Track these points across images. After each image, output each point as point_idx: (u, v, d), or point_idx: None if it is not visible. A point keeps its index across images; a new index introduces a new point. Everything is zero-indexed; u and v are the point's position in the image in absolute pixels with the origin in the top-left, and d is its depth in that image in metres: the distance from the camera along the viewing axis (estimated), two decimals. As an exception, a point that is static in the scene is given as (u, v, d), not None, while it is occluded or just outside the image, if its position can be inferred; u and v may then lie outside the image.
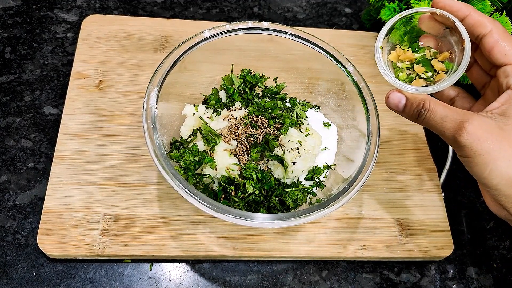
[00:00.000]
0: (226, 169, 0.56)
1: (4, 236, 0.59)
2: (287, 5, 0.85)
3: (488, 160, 0.43)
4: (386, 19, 0.71)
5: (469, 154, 0.44)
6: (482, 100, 0.52)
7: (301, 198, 0.56)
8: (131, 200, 0.61)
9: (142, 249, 0.58)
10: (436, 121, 0.45)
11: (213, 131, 0.57)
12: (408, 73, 0.48)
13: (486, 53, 0.48)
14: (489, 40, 0.47)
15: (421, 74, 0.48)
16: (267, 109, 0.61)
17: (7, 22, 0.75)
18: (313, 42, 0.61)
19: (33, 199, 0.62)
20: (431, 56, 0.49)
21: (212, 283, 0.59)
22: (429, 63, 0.48)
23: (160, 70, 0.56)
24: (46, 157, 0.65)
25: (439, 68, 0.48)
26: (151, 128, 0.53)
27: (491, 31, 0.47)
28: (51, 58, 0.73)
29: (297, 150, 0.57)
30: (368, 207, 0.65)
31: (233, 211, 0.49)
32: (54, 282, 0.57)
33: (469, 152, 0.44)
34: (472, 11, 0.47)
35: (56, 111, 0.68)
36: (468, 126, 0.43)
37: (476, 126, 0.43)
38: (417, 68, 0.48)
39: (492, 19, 0.47)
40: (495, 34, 0.47)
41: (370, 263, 0.63)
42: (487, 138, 0.43)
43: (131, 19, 0.75)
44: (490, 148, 0.43)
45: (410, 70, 0.49)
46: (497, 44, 0.46)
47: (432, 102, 0.46)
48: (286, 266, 0.61)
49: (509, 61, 0.46)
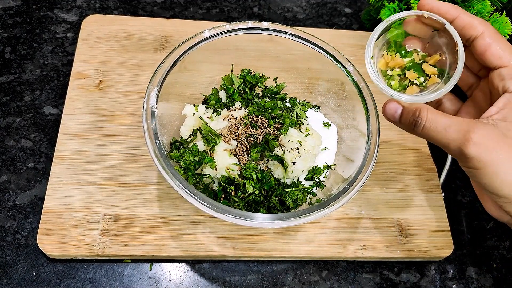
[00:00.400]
0: (226, 169, 0.56)
1: (4, 236, 0.59)
2: (287, 5, 0.85)
3: (498, 170, 0.41)
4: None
5: (478, 166, 0.42)
6: (471, 102, 0.51)
7: (301, 198, 0.56)
8: (131, 200, 0.61)
9: (142, 249, 0.58)
10: (438, 132, 0.43)
11: (213, 131, 0.57)
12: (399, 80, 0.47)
13: (478, 55, 0.46)
14: (481, 43, 0.45)
15: (413, 80, 0.46)
16: (267, 109, 0.61)
17: (7, 22, 0.75)
18: (313, 42, 0.61)
19: (33, 199, 0.62)
20: (420, 59, 0.47)
21: (212, 283, 0.59)
22: (419, 68, 0.47)
23: (160, 70, 0.56)
24: (46, 157, 0.65)
25: (431, 72, 0.46)
26: (151, 128, 0.53)
27: (482, 33, 0.45)
28: (51, 58, 0.73)
29: (297, 150, 0.57)
30: (368, 207, 0.65)
31: (233, 211, 0.49)
32: (54, 282, 0.57)
33: (478, 163, 0.42)
34: (461, 12, 0.46)
35: (56, 111, 0.68)
36: (474, 136, 0.41)
37: (482, 135, 0.41)
38: (409, 74, 0.47)
39: (482, 20, 0.46)
40: (487, 37, 0.45)
41: (370, 263, 0.63)
42: (495, 147, 0.41)
43: (131, 19, 0.75)
44: (499, 158, 0.41)
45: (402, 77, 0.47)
46: (490, 46, 0.45)
47: (430, 112, 0.44)
48: (286, 266, 0.61)
49: (503, 63, 0.45)
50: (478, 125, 0.42)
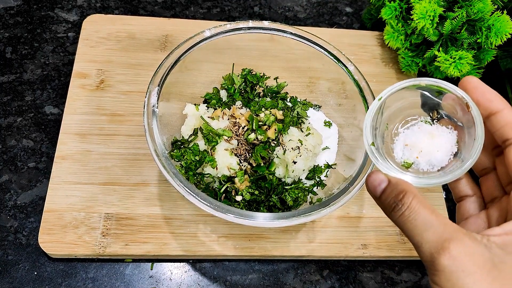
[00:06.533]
0: (227, 168, 0.56)
1: (6, 236, 0.59)
2: (288, 4, 0.85)
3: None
4: (386, 18, 0.71)
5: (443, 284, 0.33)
6: (484, 214, 0.41)
7: (301, 197, 0.56)
8: (132, 199, 0.61)
9: (143, 249, 0.58)
10: (415, 226, 0.35)
11: (214, 131, 0.57)
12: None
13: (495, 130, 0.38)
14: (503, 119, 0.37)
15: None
16: (268, 108, 0.61)
17: (8, 21, 0.75)
18: (313, 41, 0.61)
19: (34, 198, 0.62)
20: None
21: (213, 283, 0.59)
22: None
23: (161, 69, 0.56)
24: (47, 157, 0.65)
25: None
26: (152, 127, 0.53)
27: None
28: (52, 58, 0.73)
29: (298, 149, 0.57)
30: (369, 206, 0.65)
31: (234, 210, 0.49)
32: (55, 282, 0.57)
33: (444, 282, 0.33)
34: (506, 108, 0.37)
35: (57, 110, 0.68)
36: (454, 248, 0.33)
37: (464, 251, 0.33)
38: None
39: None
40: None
41: (371, 262, 0.63)
42: (473, 273, 0.32)
43: (132, 18, 0.75)
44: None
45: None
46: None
47: (415, 200, 0.35)
48: (287, 265, 0.61)
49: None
50: (465, 239, 0.33)
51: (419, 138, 0.40)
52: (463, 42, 0.67)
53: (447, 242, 0.33)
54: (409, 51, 0.72)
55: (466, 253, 0.33)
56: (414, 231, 0.35)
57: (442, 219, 0.35)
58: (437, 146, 0.39)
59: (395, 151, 0.41)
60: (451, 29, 0.66)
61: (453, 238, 0.33)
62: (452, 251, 0.33)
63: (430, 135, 0.40)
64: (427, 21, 0.65)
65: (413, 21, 0.67)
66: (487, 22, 0.65)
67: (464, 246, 0.33)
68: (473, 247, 0.33)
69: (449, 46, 0.68)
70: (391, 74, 0.76)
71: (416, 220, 0.35)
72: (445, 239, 0.33)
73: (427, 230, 0.34)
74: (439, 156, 0.39)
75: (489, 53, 0.68)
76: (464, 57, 0.66)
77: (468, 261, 0.32)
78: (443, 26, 0.66)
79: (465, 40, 0.67)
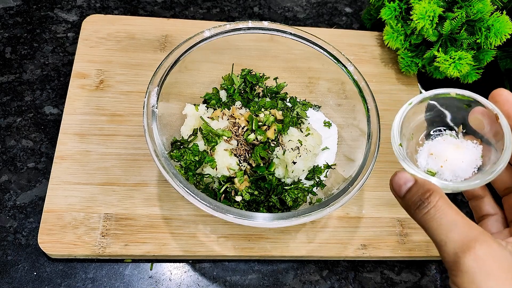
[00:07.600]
0: (227, 168, 0.56)
1: (5, 236, 0.59)
2: (287, 4, 0.85)
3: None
4: (386, 18, 0.71)
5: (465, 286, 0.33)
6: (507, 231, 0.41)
7: (301, 198, 0.56)
8: (131, 199, 0.61)
9: (142, 249, 0.58)
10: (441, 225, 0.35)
11: (214, 131, 0.57)
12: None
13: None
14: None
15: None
16: (268, 108, 0.61)
17: (8, 22, 0.75)
18: (313, 41, 0.61)
19: (34, 199, 0.62)
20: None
21: (213, 283, 0.59)
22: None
23: (161, 69, 0.56)
24: (46, 157, 0.65)
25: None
26: (151, 128, 0.53)
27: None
28: (52, 58, 0.73)
29: (297, 149, 0.57)
30: (368, 207, 0.65)
31: (234, 210, 0.49)
32: (54, 282, 0.57)
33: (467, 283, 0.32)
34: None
35: (56, 111, 0.68)
36: (479, 248, 0.32)
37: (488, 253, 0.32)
38: None
39: None
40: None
41: (371, 262, 0.63)
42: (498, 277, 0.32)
43: (131, 18, 0.75)
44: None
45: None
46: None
47: (442, 199, 0.36)
48: (287, 266, 0.61)
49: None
50: (491, 241, 0.33)
51: (444, 148, 0.40)
52: (462, 43, 0.67)
53: (473, 242, 0.33)
54: (409, 51, 0.72)
55: (491, 255, 0.32)
56: (438, 230, 0.35)
57: (468, 221, 0.35)
58: (462, 157, 0.40)
59: (419, 160, 0.41)
60: (450, 30, 0.66)
61: (479, 239, 0.33)
62: (478, 251, 0.32)
63: (456, 146, 0.40)
64: (427, 22, 0.65)
65: (413, 22, 0.67)
66: (487, 22, 0.65)
67: (490, 248, 0.33)
68: (499, 250, 0.33)
69: (449, 46, 0.68)
70: (390, 75, 0.76)
71: (442, 219, 0.35)
72: (471, 239, 0.33)
73: (452, 230, 0.34)
74: (463, 166, 0.39)
75: (488, 53, 0.68)
76: (463, 57, 0.66)
77: (493, 264, 0.32)
78: (443, 26, 0.66)
79: (465, 41, 0.67)
